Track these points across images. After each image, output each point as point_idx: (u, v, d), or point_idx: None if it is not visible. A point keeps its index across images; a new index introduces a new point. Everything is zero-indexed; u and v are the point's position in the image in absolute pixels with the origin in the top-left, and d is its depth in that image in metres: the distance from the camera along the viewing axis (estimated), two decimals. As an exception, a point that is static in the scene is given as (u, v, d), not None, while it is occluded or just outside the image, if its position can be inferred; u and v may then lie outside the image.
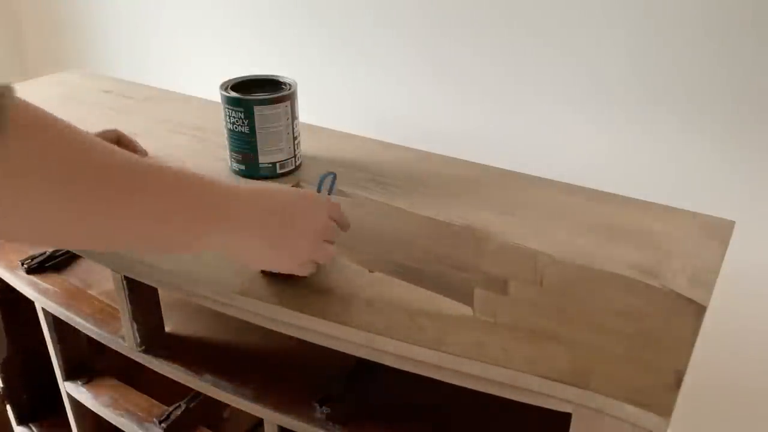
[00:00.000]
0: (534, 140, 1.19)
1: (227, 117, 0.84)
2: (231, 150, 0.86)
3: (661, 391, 0.51)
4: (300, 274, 0.60)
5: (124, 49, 1.71)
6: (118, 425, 0.90)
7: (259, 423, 0.74)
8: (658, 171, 1.09)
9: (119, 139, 0.89)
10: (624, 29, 1.05)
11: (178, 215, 0.48)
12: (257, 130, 0.83)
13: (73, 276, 0.93)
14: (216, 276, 0.65)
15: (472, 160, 0.91)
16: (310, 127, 0.98)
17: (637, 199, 0.81)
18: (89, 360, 0.97)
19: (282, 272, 0.60)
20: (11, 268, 0.94)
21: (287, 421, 0.71)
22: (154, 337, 0.81)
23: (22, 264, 0.93)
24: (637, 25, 1.03)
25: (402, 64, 1.29)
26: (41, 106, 0.41)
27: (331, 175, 0.71)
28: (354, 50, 1.33)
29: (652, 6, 1.01)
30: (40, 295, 0.89)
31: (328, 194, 0.70)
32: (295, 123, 0.85)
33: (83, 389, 0.94)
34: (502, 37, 1.16)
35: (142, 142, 0.92)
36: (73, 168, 0.41)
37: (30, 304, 0.93)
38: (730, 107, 1.01)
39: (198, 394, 0.85)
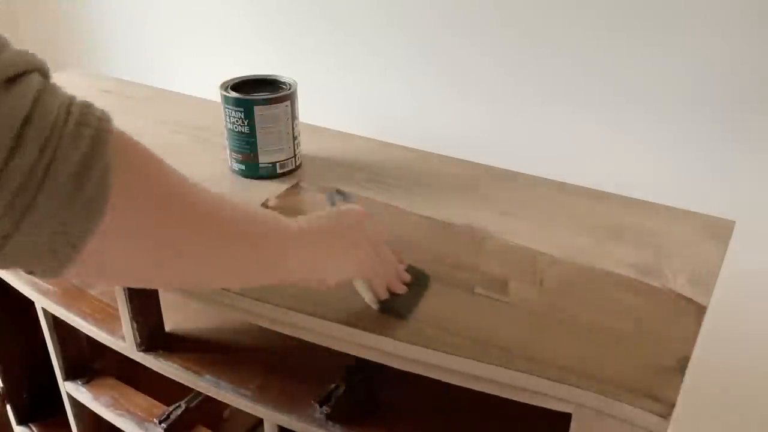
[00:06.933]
0: (534, 140, 1.19)
1: (227, 117, 0.84)
2: (231, 150, 0.86)
3: (660, 391, 0.51)
4: (376, 287, 0.61)
5: (124, 49, 1.71)
6: (118, 425, 0.90)
7: (259, 423, 0.75)
8: (658, 171, 1.09)
9: None
10: (622, 29, 1.05)
11: (260, 252, 0.51)
12: (257, 130, 0.83)
13: (73, 276, 0.93)
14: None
15: (472, 160, 0.91)
16: (310, 127, 0.98)
17: (637, 199, 0.81)
18: (89, 360, 0.97)
19: (354, 278, 0.61)
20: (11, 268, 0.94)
21: (287, 421, 0.71)
22: (154, 337, 0.81)
23: (22, 264, 0.93)
24: (635, 24, 1.03)
25: (402, 64, 1.29)
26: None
27: (335, 193, 0.78)
28: (354, 50, 1.33)
29: (654, 5, 1.01)
30: (40, 295, 0.89)
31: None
32: (295, 123, 0.85)
33: (83, 389, 0.94)
34: (501, 37, 1.16)
35: (142, 141, 0.92)
36: (171, 210, 0.43)
37: (30, 304, 0.93)
38: (730, 107, 1.01)
39: (198, 394, 0.85)
